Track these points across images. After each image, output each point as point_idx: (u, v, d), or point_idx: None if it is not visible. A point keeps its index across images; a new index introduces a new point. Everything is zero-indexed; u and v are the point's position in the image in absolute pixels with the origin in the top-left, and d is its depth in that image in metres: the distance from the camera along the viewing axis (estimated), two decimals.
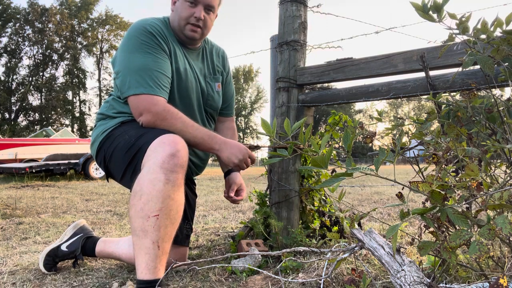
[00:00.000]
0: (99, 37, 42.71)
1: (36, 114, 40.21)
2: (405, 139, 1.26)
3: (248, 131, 52.85)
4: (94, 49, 42.72)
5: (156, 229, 1.13)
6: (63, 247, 1.61)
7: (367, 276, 1.03)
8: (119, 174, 1.37)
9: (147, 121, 1.29)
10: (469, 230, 0.84)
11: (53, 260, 1.58)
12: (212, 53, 1.65)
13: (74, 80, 41.81)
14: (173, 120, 1.29)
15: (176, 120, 1.30)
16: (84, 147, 10.34)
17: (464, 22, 1.04)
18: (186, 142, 1.24)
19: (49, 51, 40.34)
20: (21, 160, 9.69)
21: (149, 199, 1.13)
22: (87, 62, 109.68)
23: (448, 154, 1.06)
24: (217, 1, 1.47)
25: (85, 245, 1.62)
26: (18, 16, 38.28)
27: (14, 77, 39.32)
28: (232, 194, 1.60)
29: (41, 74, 40.59)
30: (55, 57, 41.11)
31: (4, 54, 38.57)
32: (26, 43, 39.46)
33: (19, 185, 6.70)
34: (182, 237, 1.57)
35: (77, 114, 42.17)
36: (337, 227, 1.87)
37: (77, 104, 42.80)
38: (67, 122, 42.20)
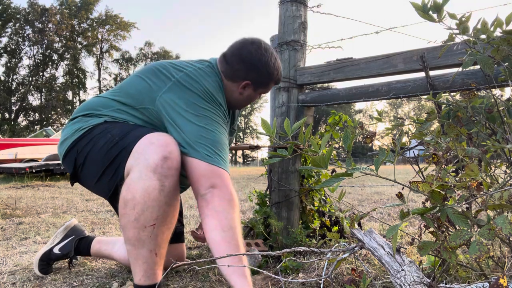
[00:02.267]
0: (99, 37, 42.72)
1: (36, 114, 40.22)
2: (405, 139, 1.26)
3: (248, 131, 52.84)
4: (94, 49, 42.75)
5: (153, 238, 1.10)
6: (56, 250, 1.58)
7: (367, 276, 1.03)
8: (94, 177, 1.23)
9: (221, 197, 1.14)
10: (469, 230, 0.84)
11: (47, 263, 1.56)
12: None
13: (74, 80, 41.83)
14: (237, 214, 1.18)
15: (238, 216, 1.18)
16: None
17: (464, 22, 1.04)
18: (214, 239, 1.10)
19: (49, 51, 40.35)
20: (21, 160, 9.68)
21: (144, 209, 1.06)
22: (87, 62, 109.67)
23: (448, 154, 1.06)
24: None
25: (78, 247, 1.60)
26: (18, 16, 38.28)
27: (14, 77, 39.34)
28: (201, 233, 1.53)
29: (41, 74, 40.59)
30: (55, 57, 41.12)
31: (4, 54, 38.57)
32: (26, 43, 39.47)
33: (19, 185, 6.70)
34: (176, 236, 1.57)
35: None
36: (337, 227, 1.87)
37: (77, 104, 42.77)
38: (67, 122, 42.18)
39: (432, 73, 1.51)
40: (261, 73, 1.36)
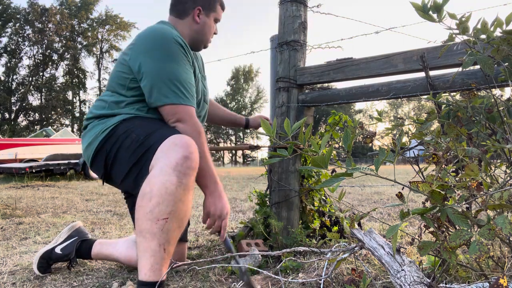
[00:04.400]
0: (99, 37, 42.70)
1: (36, 114, 40.21)
2: (405, 139, 1.26)
3: (248, 131, 52.77)
4: (94, 49, 42.71)
5: (165, 232, 1.12)
6: (58, 250, 1.59)
7: (367, 276, 1.03)
8: (121, 175, 1.31)
9: (184, 130, 1.30)
10: (469, 230, 0.84)
11: (47, 262, 1.56)
12: (198, 54, 1.71)
13: (74, 80, 41.80)
14: (204, 140, 1.32)
15: (205, 141, 1.33)
16: None
17: (464, 22, 1.04)
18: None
19: (49, 51, 40.33)
20: (21, 160, 9.68)
21: (160, 202, 1.11)
22: (87, 62, 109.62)
23: (448, 154, 1.06)
24: None
25: (80, 249, 1.60)
26: (18, 16, 38.26)
27: (14, 77, 39.32)
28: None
29: (41, 74, 40.57)
30: (55, 57, 41.11)
31: (4, 54, 38.56)
32: (26, 43, 39.45)
33: (19, 185, 6.70)
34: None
35: (77, 114, 42.15)
36: (337, 227, 1.87)
37: (77, 104, 42.80)
38: (67, 122, 42.22)
39: (432, 73, 1.51)
40: None
